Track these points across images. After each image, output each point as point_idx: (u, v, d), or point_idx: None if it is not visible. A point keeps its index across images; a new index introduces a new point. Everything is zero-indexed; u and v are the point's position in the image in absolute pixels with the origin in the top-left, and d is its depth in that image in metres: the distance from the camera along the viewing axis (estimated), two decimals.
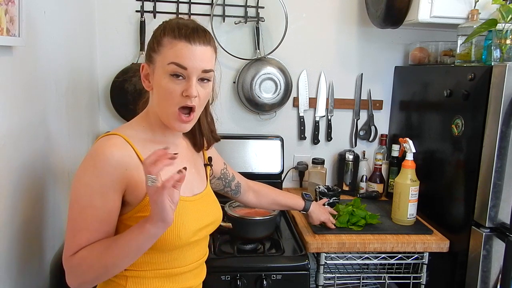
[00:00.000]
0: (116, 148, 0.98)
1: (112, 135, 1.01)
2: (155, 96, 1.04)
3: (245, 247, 1.55)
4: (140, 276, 1.03)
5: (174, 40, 0.99)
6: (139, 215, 0.99)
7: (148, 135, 1.07)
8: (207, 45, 1.01)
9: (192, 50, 0.98)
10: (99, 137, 1.03)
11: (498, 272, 1.46)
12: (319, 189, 1.81)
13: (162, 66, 1.00)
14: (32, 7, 1.18)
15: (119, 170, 0.96)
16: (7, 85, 1.05)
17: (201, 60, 0.99)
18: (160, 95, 1.01)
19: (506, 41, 1.45)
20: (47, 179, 1.33)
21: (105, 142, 0.99)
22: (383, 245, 1.58)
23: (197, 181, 1.15)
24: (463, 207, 1.56)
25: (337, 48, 2.12)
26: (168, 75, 0.99)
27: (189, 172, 1.11)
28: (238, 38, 2.04)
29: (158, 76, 1.00)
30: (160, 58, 1.00)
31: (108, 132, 1.04)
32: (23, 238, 1.16)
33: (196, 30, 1.00)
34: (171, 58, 0.98)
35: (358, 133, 2.19)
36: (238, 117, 2.12)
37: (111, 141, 0.99)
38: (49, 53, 1.34)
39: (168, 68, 0.99)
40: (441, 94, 1.67)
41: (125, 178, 0.98)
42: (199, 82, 1.01)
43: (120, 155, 0.97)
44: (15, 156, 1.10)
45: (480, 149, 1.45)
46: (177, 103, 1.00)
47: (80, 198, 0.96)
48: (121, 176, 0.97)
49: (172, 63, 0.98)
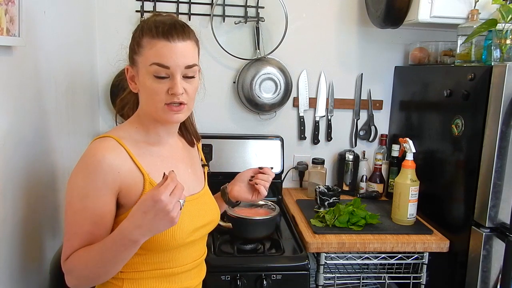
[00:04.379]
0: (108, 151, 0.97)
1: (105, 137, 1.00)
2: (142, 96, 1.04)
3: (245, 247, 1.55)
4: (137, 277, 1.02)
5: (153, 40, 0.97)
6: None
7: (142, 136, 1.06)
8: (187, 39, 0.99)
9: (172, 48, 0.96)
10: (93, 139, 1.02)
11: (498, 272, 1.46)
12: (319, 189, 1.81)
13: (144, 67, 0.99)
14: (32, 7, 1.18)
15: (111, 173, 0.95)
16: (7, 85, 1.05)
17: (183, 56, 0.97)
18: (147, 95, 1.01)
19: (506, 41, 1.45)
20: (47, 179, 1.33)
21: (98, 145, 0.98)
22: (383, 245, 1.58)
23: (193, 181, 1.14)
24: (463, 207, 1.56)
25: (337, 48, 2.12)
26: (152, 75, 0.98)
27: (184, 172, 1.11)
28: (238, 38, 2.04)
29: (142, 77, 1.00)
30: (142, 60, 0.99)
31: (101, 135, 1.03)
32: (23, 238, 1.16)
33: (174, 26, 0.98)
34: (152, 58, 0.97)
35: (358, 133, 2.19)
36: (238, 117, 2.12)
37: (103, 144, 0.98)
38: (49, 53, 1.34)
39: (150, 69, 0.97)
40: (441, 94, 1.67)
41: (118, 181, 0.97)
42: (184, 79, 1.00)
43: (113, 158, 0.96)
44: (15, 156, 1.10)
45: (480, 149, 1.45)
46: (164, 101, 0.99)
47: (74, 202, 0.96)
48: (114, 179, 0.96)
49: (154, 64, 0.97)
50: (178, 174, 1.03)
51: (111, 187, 0.96)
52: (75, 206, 0.96)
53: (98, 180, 0.95)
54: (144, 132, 1.06)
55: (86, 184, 0.95)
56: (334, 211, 1.70)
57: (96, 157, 0.95)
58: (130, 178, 0.98)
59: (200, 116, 2.07)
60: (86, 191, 0.95)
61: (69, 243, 0.97)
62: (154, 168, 1.03)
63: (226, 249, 1.54)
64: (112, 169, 0.96)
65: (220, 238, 1.59)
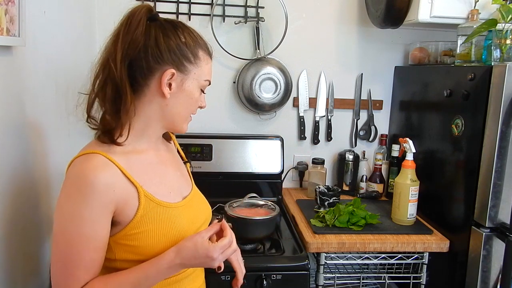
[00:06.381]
0: (99, 170, 0.89)
1: (90, 154, 0.92)
2: (175, 105, 0.99)
3: (245, 247, 1.55)
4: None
5: (206, 56, 1.02)
6: (132, 232, 0.94)
7: (129, 147, 0.98)
8: None
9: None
10: (74, 157, 0.93)
11: (498, 272, 1.46)
12: (319, 189, 1.81)
13: (197, 79, 1.00)
14: (32, 7, 1.18)
15: (107, 193, 0.89)
16: (7, 85, 1.05)
17: None
18: (187, 105, 1.02)
19: (506, 41, 1.45)
20: (47, 179, 1.33)
21: (86, 165, 0.90)
22: (383, 245, 1.58)
23: (183, 183, 1.12)
24: (463, 207, 1.56)
25: (337, 48, 2.12)
26: (199, 89, 1.02)
27: (174, 176, 1.09)
28: (238, 38, 2.04)
29: (191, 87, 1.00)
30: (198, 71, 1.00)
31: (84, 151, 0.94)
32: (23, 238, 1.16)
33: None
34: (207, 74, 1.03)
35: (358, 133, 2.19)
36: (238, 117, 2.12)
37: (92, 162, 0.90)
38: (49, 53, 1.34)
39: (203, 83, 1.02)
40: (441, 94, 1.67)
41: (114, 200, 0.91)
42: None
43: (106, 176, 0.89)
44: (15, 156, 1.10)
45: (480, 149, 1.45)
46: (194, 112, 1.06)
47: (68, 230, 0.89)
48: (110, 199, 0.90)
49: (207, 80, 1.03)
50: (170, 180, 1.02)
51: (108, 207, 0.90)
52: (70, 234, 0.89)
53: (94, 203, 0.88)
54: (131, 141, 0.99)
55: (80, 209, 0.88)
56: (334, 211, 1.70)
57: (88, 178, 0.88)
58: (125, 194, 0.92)
59: (200, 116, 2.08)
60: (81, 217, 0.88)
61: (71, 277, 0.89)
62: (146, 177, 0.98)
63: None
64: (108, 189, 0.89)
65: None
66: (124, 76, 0.93)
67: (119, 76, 0.93)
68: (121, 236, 0.94)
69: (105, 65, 0.95)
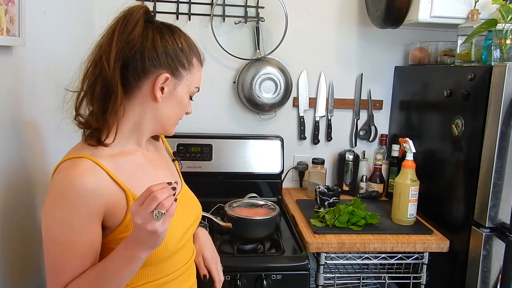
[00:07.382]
0: (86, 175, 0.87)
1: (76, 158, 0.89)
2: (165, 109, 0.99)
3: (245, 247, 1.55)
4: None
5: (198, 63, 1.03)
6: (121, 236, 0.92)
7: (117, 149, 0.96)
8: None
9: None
10: (60, 162, 0.91)
11: (498, 272, 1.46)
12: (319, 189, 1.81)
13: (188, 85, 1.01)
14: (32, 7, 1.18)
15: (94, 198, 0.87)
16: (7, 85, 1.05)
17: None
18: (176, 110, 1.02)
19: (506, 41, 1.45)
20: (47, 179, 1.32)
21: (72, 171, 0.87)
22: (383, 245, 1.58)
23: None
24: (463, 207, 1.56)
25: (337, 48, 2.12)
26: (189, 95, 1.03)
27: (164, 177, 1.07)
28: (238, 38, 2.04)
29: (182, 93, 1.00)
30: (190, 78, 1.00)
31: (70, 155, 0.91)
32: (23, 237, 1.16)
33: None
34: (197, 81, 1.03)
35: (358, 133, 2.19)
36: (238, 117, 2.12)
37: (78, 167, 0.87)
38: (49, 53, 1.34)
39: (193, 90, 1.03)
40: (441, 94, 1.67)
41: (103, 205, 0.89)
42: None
43: (93, 181, 0.87)
44: (15, 156, 1.10)
45: (480, 149, 1.45)
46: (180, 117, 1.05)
47: (56, 236, 0.87)
48: (98, 204, 0.88)
49: (197, 87, 1.04)
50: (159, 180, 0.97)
51: (97, 212, 0.88)
52: (58, 240, 0.87)
53: (81, 208, 0.86)
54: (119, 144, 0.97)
55: (67, 215, 0.86)
56: (334, 211, 1.70)
57: (74, 183, 0.85)
58: (113, 198, 0.90)
59: (200, 116, 2.09)
60: (68, 223, 0.86)
61: (57, 279, 0.88)
62: (135, 180, 0.96)
63: (226, 249, 1.54)
64: (95, 194, 0.87)
65: (220, 238, 1.59)
66: (116, 76, 0.91)
67: (112, 75, 0.90)
68: (110, 240, 0.93)
69: (97, 63, 0.92)
